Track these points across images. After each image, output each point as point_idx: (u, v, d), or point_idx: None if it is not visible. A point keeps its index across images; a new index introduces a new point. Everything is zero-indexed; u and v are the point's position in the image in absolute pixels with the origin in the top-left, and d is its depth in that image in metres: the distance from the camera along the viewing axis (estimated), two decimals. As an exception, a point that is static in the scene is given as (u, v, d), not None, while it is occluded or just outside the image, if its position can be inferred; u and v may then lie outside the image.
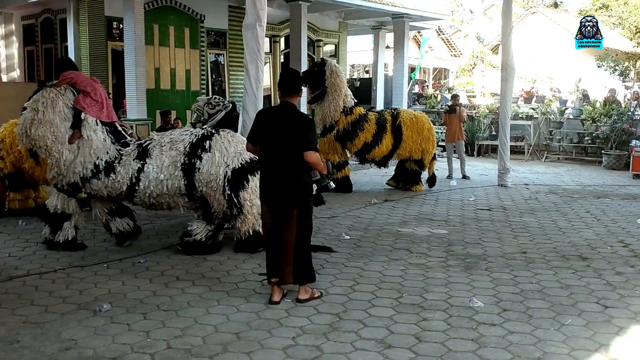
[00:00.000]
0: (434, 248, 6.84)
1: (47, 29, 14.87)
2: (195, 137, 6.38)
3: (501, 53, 12.19)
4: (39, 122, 6.18)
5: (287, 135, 4.88)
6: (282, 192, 4.89)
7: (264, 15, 7.07)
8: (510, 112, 12.42)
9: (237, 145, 6.35)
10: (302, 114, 5.46)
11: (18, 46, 15.94)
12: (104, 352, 3.94)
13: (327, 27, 18.55)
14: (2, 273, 5.62)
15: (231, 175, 6.18)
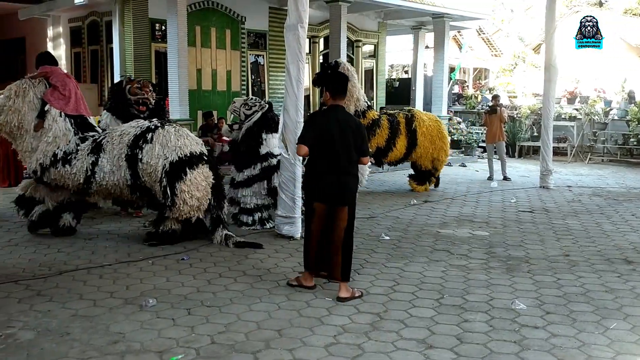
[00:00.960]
0: (475, 250, 6.79)
1: (94, 31, 15.25)
2: (140, 129, 6.72)
3: (544, 53, 12.00)
4: (8, 108, 6.76)
5: (347, 139, 5.07)
6: (339, 192, 5.09)
7: (306, 17, 7.12)
8: (553, 112, 12.21)
9: (180, 139, 6.62)
10: (356, 118, 5.63)
11: (65, 48, 16.37)
12: (151, 346, 4.04)
13: (367, 28, 18.54)
14: (52, 268, 5.80)
15: (169, 167, 6.44)
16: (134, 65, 13.60)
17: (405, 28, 19.56)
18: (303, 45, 7.14)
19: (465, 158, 16.64)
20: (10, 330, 4.25)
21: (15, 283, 5.30)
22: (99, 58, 15.11)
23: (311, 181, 5.24)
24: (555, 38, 11.47)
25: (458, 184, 12.24)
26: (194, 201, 6.52)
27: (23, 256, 6.21)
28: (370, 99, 19.25)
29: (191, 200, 6.48)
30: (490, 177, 12.72)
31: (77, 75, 16.00)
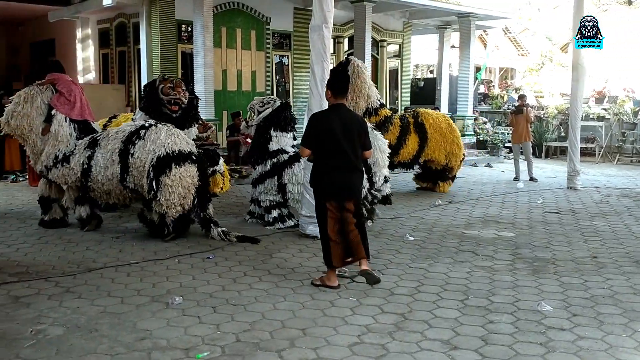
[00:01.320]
0: (501, 251, 6.74)
1: (121, 33, 15.46)
2: (134, 127, 7.07)
3: (571, 52, 11.85)
4: (18, 114, 7.22)
5: (352, 137, 5.25)
6: (348, 188, 5.31)
7: (331, 17, 7.13)
8: (581, 112, 12.05)
9: (171, 137, 6.89)
10: (358, 115, 5.81)
11: (94, 49, 16.63)
12: (177, 343, 4.10)
13: (392, 27, 18.49)
14: (81, 265, 5.91)
15: (155, 162, 6.69)
16: (161, 66, 13.76)
17: (431, 27, 19.46)
18: (328, 46, 7.16)
19: (491, 158, 16.51)
20: (40, 326, 4.35)
21: (45, 280, 5.41)
22: (127, 59, 15.32)
23: (320, 180, 5.33)
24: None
25: (484, 184, 12.15)
26: (176, 196, 6.73)
27: (53, 254, 6.34)
28: (394, 99, 19.26)
29: (173, 195, 6.70)
30: (517, 178, 12.60)
31: (105, 76, 16.25)
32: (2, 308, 4.69)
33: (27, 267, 5.80)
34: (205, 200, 7.12)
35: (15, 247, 6.56)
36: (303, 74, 15.83)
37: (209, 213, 7.14)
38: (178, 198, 6.75)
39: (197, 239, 7.06)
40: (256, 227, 7.72)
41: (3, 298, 4.92)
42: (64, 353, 3.91)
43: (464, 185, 11.88)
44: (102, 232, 7.28)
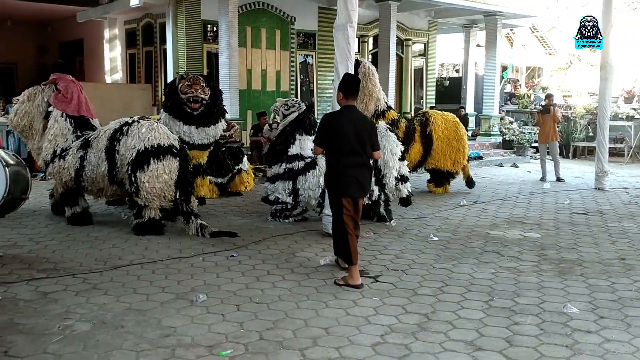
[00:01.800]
0: (526, 252, 6.67)
1: (148, 33, 15.63)
2: (119, 124, 7.30)
3: (600, 51, 11.67)
4: (20, 112, 7.72)
5: (363, 137, 5.40)
6: (361, 185, 5.47)
7: (355, 16, 7.12)
8: (610, 112, 11.86)
9: (152, 132, 7.04)
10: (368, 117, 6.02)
11: (121, 49, 16.85)
12: (201, 341, 4.13)
13: (417, 26, 18.40)
14: (107, 262, 5.99)
15: (135, 157, 6.90)
16: (187, 66, 13.88)
17: (456, 26, 19.33)
18: (352, 45, 7.15)
19: (517, 158, 16.34)
20: (67, 321, 4.42)
21: (73, 277, 5.50)
22: (153, 59, 15.49)
23: (335, 178, 5.45)
24: (612, 35, 11.13)
25: (509, 184, 12.03)
26: (156, 191, 6.95)
27: (80, 251, 6.43)
28: (419, 98, 19.16)
29: (152, 189, 6.93)
30: (543, 178, 12.45)
31: (132, 76, 16.44)
32: (31, 304, 4.78)
33: (55, 264, 5.91)
34: (188, 193, 7.22)
35: (43, 244, 6.67)
36: (327, 74, 15.85)
37: (190, 206, 7.22)
38: (157, 192, 6.97)
39: (220, 237, 7.10)
40: (284, 225, 7.74)
41: (32, 294, 5.02)
42: (91, 349, 3.97)
43: (490, 186, 11.77)
44: (128, 230, 7.37)
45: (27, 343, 4.03)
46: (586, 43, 11.33)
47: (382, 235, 7.33)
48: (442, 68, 27.03)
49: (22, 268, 5.75)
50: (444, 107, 19.72)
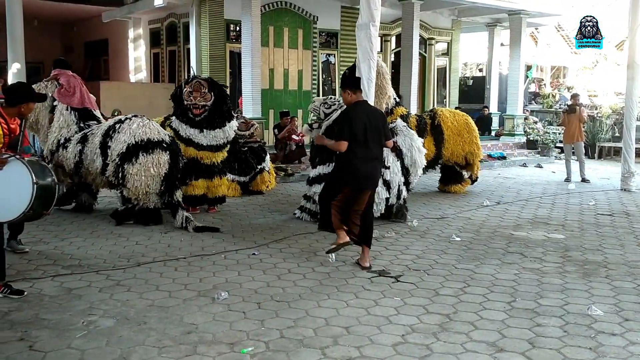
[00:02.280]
0: (550, 253, 6.59)
1: (172, 32, 15.78)
2: (113, 121, 7.68)
3: (627, 50, 11.49)
4: None
5: (378, 129, 5.77)
6: (373, 178, 5.86)
7: (378, 15, 7.11)
8: (637, 112, 11.66)
9: (142, 127, 7.39)
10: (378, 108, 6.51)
11: (145, 49, 17.02)
12: (222, 338, 4.16)
13: (440, 25, 18.30)
14: (131, 259, 6.06)
15: (125, 150, 7.24)
16: (210, 65, 13.98)
17: (480, 25, 19.18)
18: (375, 44, 7.14)
19: (542, 159, 16.16)
20: (91, 317, 4.48)
21: (97, 273, 5.57)
22: (177, 58, 15.62)
23: (349, 170, 5.71)
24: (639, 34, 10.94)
25: (533, 185, 11.90)
26: (143, 184, 7.28)
27: (104, 248, 6.51)
28: (442, 97, 19.06)
29: (139, 182, 7.26)
30: (568, 179, 12.30)
31: (156, 75, 16.60)
32: (56, 299, 4.86)
33: (79, 260, 5.99)
34: (174, 186, 7.54)
35: (68, 241, 6.77)
36: (350, 73, 15.80)
37: (176, 198, 7.51)
38: (145, 186, 7.31)
39: (242, 235, 7.14)
40: (304, 224, 7.75)
41: (56, 290, 5.09)
42: (114, 344, 4.01)
43: (513, 186, 11.66)
44: (151, 227, 7.43)
45: (51, 338, 4.09)
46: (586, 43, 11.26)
47: (403, 235, 7.30)
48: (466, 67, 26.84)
49: (47, 264, 5.84)
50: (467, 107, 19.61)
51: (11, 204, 4.69)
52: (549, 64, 29.12)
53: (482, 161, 14.59)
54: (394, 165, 7.55)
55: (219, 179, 8.43)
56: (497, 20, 18.14)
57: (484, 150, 15.52)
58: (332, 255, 6.14)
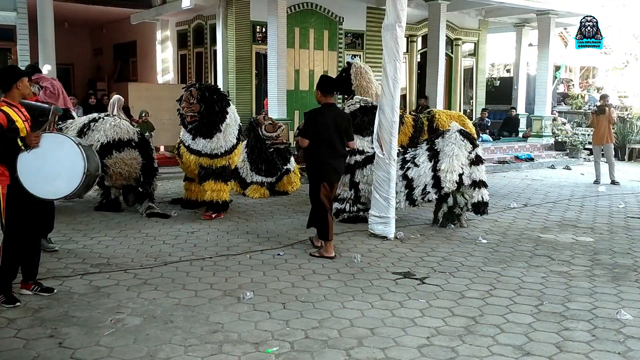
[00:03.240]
0: (578, 256, 6.50)
1: (199, 34, 15.90)
2: (88, 120, 8.39)
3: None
4: None
5: (340, 130, 6.32)
6: (339, 172, 6.49)
7: (404, 16, 7.08)
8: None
9: (113, 128, 8.18)
10: (344, 112, 7.21)
11: (172, 50, 17.19)
12: (247, 337, 4.18)
13: (467, 26, 18.15)
14: (158, 259, 6.13)
15: (99, 148, 7.76)
16: (236, 67, 14.06)
17: (508, 25, 18.98)
18: (400, 45, 7.11)
19: (570, 160, 15.93)
20: (119, 315, 4.54)
21: (125, 271, 5.65)
22: (203, 60, 15.74)
23: (319, 166, 6.30)
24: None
25: (561, 187, 11.73)
26: (119, 175, 8.15)
27: (132, 247, 6.60)
28: (469, 98, 18.91)
29: (116, 174, 8.08)
30: (597, 181, 12.10)
31: (183, 76, 16.75)
32: (85, 297, 4.94)
33: (108, 259, 6.08)
34: (151, 177, 8.46)
35: (97, 240, 6.87)
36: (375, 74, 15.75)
37: (151, 188, 8.51)
38: (121, 177, 8.12)
39: (267, 235, 7.18)
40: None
41: (85, 288, 5.18)
42: (141, 342, 4.07)
43: (541, 188, 11.52)
44: (178, 227, 7.52)
45: (80, 335, 4.16)
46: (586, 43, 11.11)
47: (429, 237, 7.26)
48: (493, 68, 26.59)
49: (77, 262, 5.94)
50: (494, 108, 19.46)
51: (58, 184, 4.78)
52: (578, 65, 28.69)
53: (509, 162, 14.55)
54: (424, 165, 7.50)
55: (223, 184, 8.15)
56: (525, 20, 17.93)
57: (511, 152, 15.47)
58: (357, 256, 6.16)
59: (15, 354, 3.88)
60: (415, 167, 7.54)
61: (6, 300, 4.69)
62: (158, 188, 10.53)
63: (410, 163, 7.61)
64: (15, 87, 4.75)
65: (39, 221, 5.04)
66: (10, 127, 4.59)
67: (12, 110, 4.67)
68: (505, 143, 16.20)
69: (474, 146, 7.62)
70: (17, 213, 4.71)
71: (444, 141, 7.51)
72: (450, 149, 7.44)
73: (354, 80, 9.25)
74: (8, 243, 4.73)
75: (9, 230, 4.72)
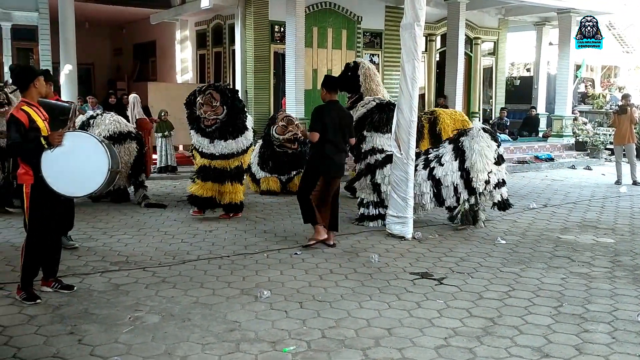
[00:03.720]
0: (599, 257, 6.42)
1: (217, 34, 15.98)
2: (87, 117, 8.97)
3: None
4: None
5: (343, 126, 6.57)
6: (340, 167, 6.70)
7: (423, 15, 7.05)
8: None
9: (112, 123, 8.76)
10: (347, 110, 7.35)
11: (191, 50, 17.29)
12: (264, 336, 4.19)
13: (486, 25, 18.03)
14: (176, 257, 6.17)
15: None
16: (254, 66, 14.10)
17: (528, 24, 18.81)
18: (419, 44, 7.08)
19: (591, 161, 15.74)
20: (138, 313, 4.58)
21: (143, 270, 5.70)
22: (222, 59, 15.81)
23: (322, 160, 6.53)
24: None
25: (582, 187, 11.60)
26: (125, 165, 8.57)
27: (150, 245, 6.65)
28: (489, 98, 18.77)
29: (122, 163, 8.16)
30: (619, 181, 11.95)
31: (202, 75, 16.85)
32: (104, 294, 4.99)
33: (127, 257, 6.13)
34: (140, 168, 9.03)
35: (116, 238, 6.94)
36: (393, 73, 15.75)
37: (140, 179, 9.02)
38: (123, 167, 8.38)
39: (284, 234, 7.19)
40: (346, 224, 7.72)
41: (104, 285, 5.23)
42: (159, 340, 4.09)
43: (561, 189, 11.40)
44: (197, 226, 7.56)
45: (99, 332, 4.21)
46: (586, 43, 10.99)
47: (447, 238, 7.22)
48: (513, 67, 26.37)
49: (96, 260, 6.00)
50: (514, 107, 19.28)
51: (83, 181, 4.84)
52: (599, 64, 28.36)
53: (528, 162, 14.42)
54: (450, 164, 7.43)
55: (230, 184, 7.99)
56: (546, 19, 17.75)
57: (531, 152, 15.33)
58: (375, 256, 6.14)
59: (35, 350, 3.93)
60: (441, 167, 7.47)
61: (27, 297, 4.76)
62: (177, 187, 10.66)
63: (434, 162, 7.53)
64: (32, 86, 4.80)
65: (61, 219, 5.09)
66: (31, 127, 4.64)
67: (32, 110, 4.72)
68: (525, 143, 16.06)
69: (497, 145, 7.58)
70: (42, 211, 4.77)
71: (471, 139, 7.42)
72: (479, 147, 7.36)
73: (363, 82, 9.23)
74: (31, 242, 4.78)
75: (33, 229, 4.78)
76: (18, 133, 4.58)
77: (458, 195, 7.43)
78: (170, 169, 12.24)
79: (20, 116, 4.61)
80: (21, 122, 4.59)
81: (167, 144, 12.14)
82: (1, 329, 4.22)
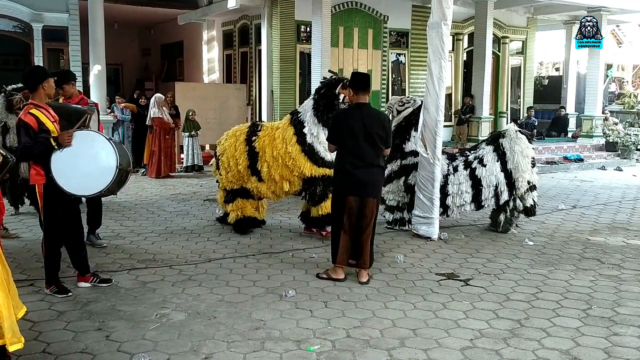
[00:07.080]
0: (629, 260, 6.30)
1: (244, 34, 16.05)
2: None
3: None
4: None
5: (372, 135, 5.30)
6: (368, 184, 5.34)
7: (450, 14, 7.00)
8: None
9: None
10: (382, 112, 6.11)
11: (218, 50, 17.40)
12: (289, 335, 4.20)
13: (514, 23, 17.80)
14: (202, 255, 6.22)
15: None
16: (280, 66, 14.14)
17: (557, 23, 18.54)
18: (446, 43, 7.03)
19: (622, 162, 15.44)
20: (164, 310, 4.63)
21: (170, 268, 5.75)
22: (248, 59, 15.88)
23: (342, 176, 5.41)
24: None
25: (612, 189, 11.39)
26: None
27: (177, 243, 6.72)
28: (517, 97, 18.55)
29: None
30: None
31: (228, 76, 16.94)
32: (131, 292, 5.05)
33: (154, 255, 6.20)
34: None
35: (144, 236, 7.02)
36: (420, 72, 15.64)
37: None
38: None
39: (310, 233, 7.18)
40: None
41: (132, 282, 5.29)
42: (185, 337, 4.13)
43: (590, 190, 11.21)
44: (222, 225, 7.60)
45: (127, 329, 4.26)
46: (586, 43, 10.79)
47: (473, 239, 7.16)
48: (541, 66, 26.02)
49: (124, 258, 6.08)
50: (543, 107, 19.03)
51: (92, 180, 4.89)
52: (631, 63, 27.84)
53: (557, 163, 14.22)
54: (492, 165, 7.32)
55: None
56: (575, 17, 17.45)
57: (559, 152, 15.11)
58: (400, 257, 6.10)
59: (64, 345, 4.00)
60: (483, 167, 7.37)
61: (58, 291, 4.90)
62: (204, 185, 10.74)
63: (475, 163, 7.38)
64: (41, 87, 4.81)
65: (78, 217, 5.15)
66: (41, 129, 4.69)
67: (40, 112, 4.75)
68: (554, 143, 15.84)
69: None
70: (55, 210, 4.88)
71: (511, 141, 7.33)
72: (520, 148, 7.27)
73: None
74: (49, 239, 4.94)
75: (48, 227, 4.91)
76: (28, 137, 4.64)
77: (498, 196, 7.32)
78: (196, 168, 12.34)
79: (29, 120, 4.66)
80: (30, 126, 4.64)
81: (194, 143, 12.25)
82: (31, 325, 4.30)
